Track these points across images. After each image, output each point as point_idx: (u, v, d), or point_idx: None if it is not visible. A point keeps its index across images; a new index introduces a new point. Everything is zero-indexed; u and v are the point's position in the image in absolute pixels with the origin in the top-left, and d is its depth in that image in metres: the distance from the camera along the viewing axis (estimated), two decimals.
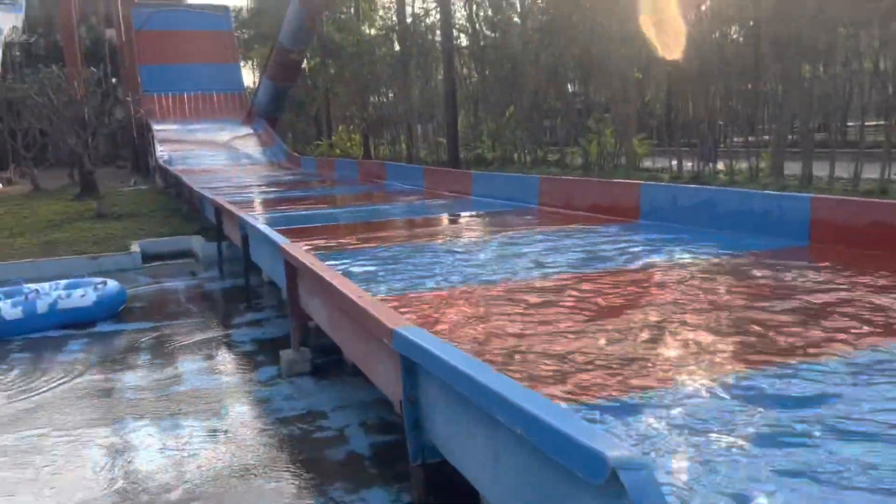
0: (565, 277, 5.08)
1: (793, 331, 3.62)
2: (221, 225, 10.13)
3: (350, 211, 10.96)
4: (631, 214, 8.28)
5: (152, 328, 7.55)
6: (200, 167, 23.89)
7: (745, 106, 14.72)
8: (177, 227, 13.72)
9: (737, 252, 5.78)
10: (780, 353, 3.32)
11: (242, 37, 41.25)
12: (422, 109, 22.96)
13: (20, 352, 6.89)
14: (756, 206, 6.91)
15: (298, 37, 27.78)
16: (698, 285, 4.71)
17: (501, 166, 17.98)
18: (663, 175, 13.56)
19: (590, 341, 3.60)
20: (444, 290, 4.86)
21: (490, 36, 20.88)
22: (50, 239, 12.72)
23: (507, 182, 11.29)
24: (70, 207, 17.44)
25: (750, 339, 3.53)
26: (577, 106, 19.51)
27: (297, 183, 17.47)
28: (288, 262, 5.39)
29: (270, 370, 5.94)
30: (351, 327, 4.09)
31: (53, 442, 4.72)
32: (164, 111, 31.95)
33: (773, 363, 3.20)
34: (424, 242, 7.08)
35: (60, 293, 7.71)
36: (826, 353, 3.29)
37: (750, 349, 3.40)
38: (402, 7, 23.59)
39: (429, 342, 2.81)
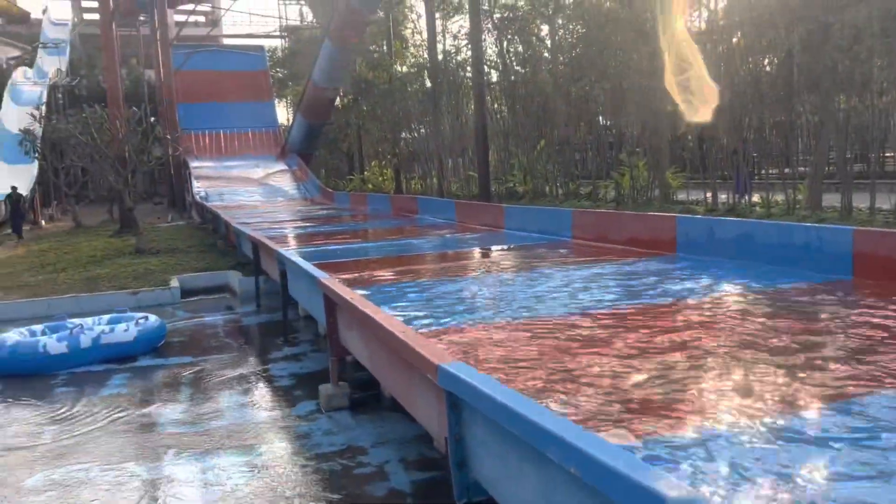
0: (604, 312, 5.05)
1: (837, 367, 3.55)
2: (259, 260, 10.27)
3: (383, 245, 11.05)
4: (667, 248, 8.22)
5: (192, 363, 7.64)
6: (236, 203, 24.34)
7: (780, 137, 14.60)
8: (213, 262, 13.94)
9: (777, 286, 5.70)
10: (824, 390, 3.25)
11: (277, 76, 42.18)
12: (452, 144, 23.16)
13: (64, 386, 7.01)
14: (796, 239, 6.81)
15: (331, 75, 28.35)
16: (739, 320, 4.64)
17: (533, 200, 18.01)
18: (698, 207, 13.45)
19: (632, 378, 3.57)
20: (480, 325, 4.86)
21: (520, 71, 21.08)
22: (91, 274, 13.00)
23: (539, 215, 11.29)
24: (110, 243, 17.83)
25: (793, 375, 3.47)
26: (609, 139, 19.52)
27: (330, 218, 17.68)
28: (327, 296, 5.44)
29: (309, 405, 5.96)
30: (392, 362, 4.11)
31: (98, 476, 4.78)
32: (200, 149, 32.72)
33: (819, 399, 3.14)
34: (458, 276, 7.10)
35: (104, 328, 7.87)
36: (872, 389, 3.22)
37: (794, 386, 3.34)
38: (433, 45, 23.95)
39: (476, 379, 2.81)
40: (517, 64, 21.49)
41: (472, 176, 22.24)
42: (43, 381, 7.18)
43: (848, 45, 10.19)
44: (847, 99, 12.62)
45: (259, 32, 47.00)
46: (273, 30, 47.35)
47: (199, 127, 33.41)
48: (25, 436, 5.66)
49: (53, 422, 5.95)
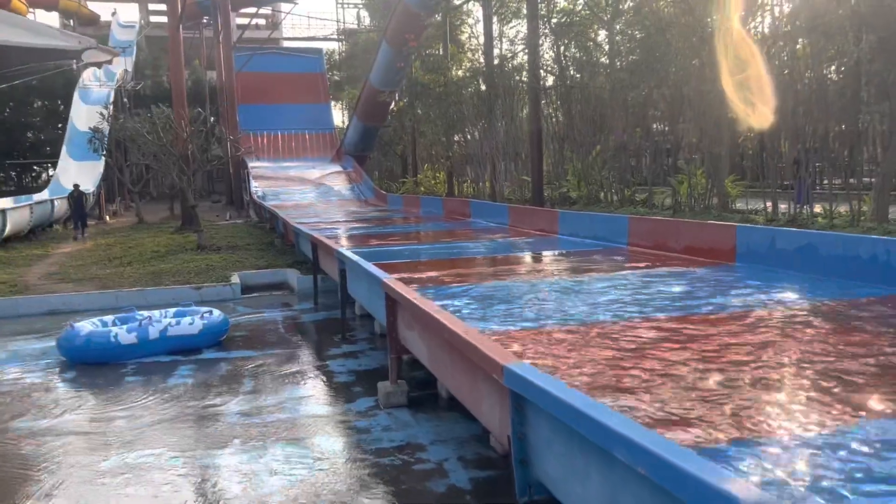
0: (661, 319, 5.04)
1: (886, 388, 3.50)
2: (318, 258, 10.50)
3: (436, 248, 11.15)
4: (726, 257, 8.13)
5: (253, 357, 7.88)
6: (291, 202, 24.85)
7: (844, 147, 14.24)
8: (272, 259, 14.29)
9: (840, 299, 5.60)
10: (887, 405, 3.22)
11: (334, 78, 42.87)
12: (506, 148, 23.20)
13: (134, 375, 7.32)
14: (862, 251, 6.67)
15: (387, 78, 28.72)
16: (800, 332, 4.60)
17: (587, 205, 17.91)
18: (757, 217, 13.20)
19: (690, 385, 3.58)
20: (535, 329, 4.91)
21: (577, 76, 21.01)
22: (155, 269, 13.46)
23: (594, 221, 11.25)
24: (172, 239, 18.41)
25: (853, 390, 3.44)
26: (666, 146, 19.30)
27: (383, 219, 17.91)
28: (389, 295, 5.57)
29: (368, 401, 6.11)
30: (453, 362, 4.20)
31: (168, 462, 4.99)
32: (258, 149, 33.52)
33: (879, 416, 3.11)
34: (512, 281, 7.15)
35: (171, 321, 8.17)
36: None
37: (854, 400, 3.31)
38: (489, 48, 24.06)
39: (542, 380, 2.88)
40: (573, 69, 21.41)
41: (525, 180, 22.23)
42: (114, 369, 7.51)
43: None
44: None
45: (317, 35, 47.84)
46: (331, 33, 48.20)
47: (257, 128, 34.25)
48: (100, 421, 5.93)
49: (125, 409, 6.22)
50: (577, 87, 20.56)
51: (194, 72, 43.43)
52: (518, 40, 24.35)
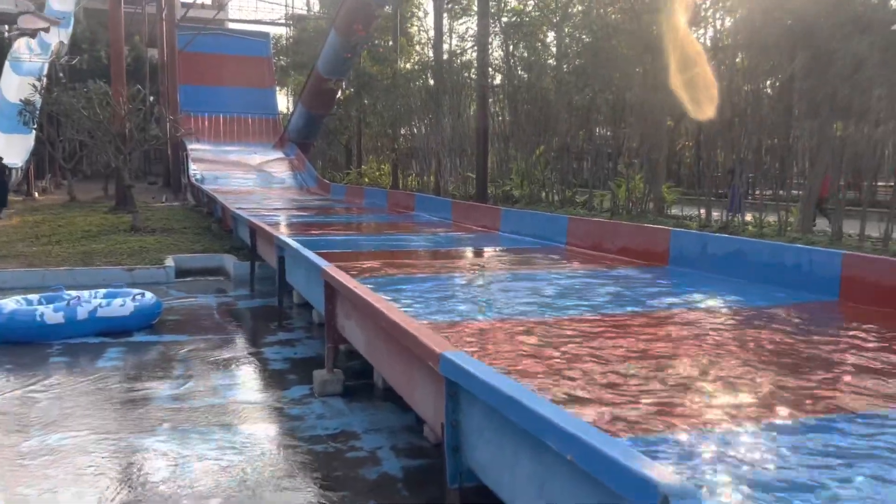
0: (591, 318, 5.18)
1: (813, 385, 3.70)
2: (255, 245, 10.36)
3: (377, 239, 11.15)
4: (659, 259, 8.39)
5: (186, 341, 7.73)
6: (231, 188, 24.37)
7: (776, 159, 14.81)
8: (208, 244, 14.00)
9: (764, 304, 5.85)
10: (798, 408, 3.40)
11: (280, 64, 42.17)
12: (452, 143, 23.28)
13: (60, 356, 7.09)
14: (787, 259, 6.98)
15: (335, 66, 28.41)
16: (723, 334, 4.79)
17: (529, 204, 18.13)
18: (691, 223, 13.62)
19: (613, 381, 3.70)
20: (471, 322, 4.99)
21: (524, 76, 21.22)
22: (87, 249, 13.03)
23: (535, 220, 11.43)
24: (105, 219, 17.84)
25: (770, 391, 3.62)
26: (607, 150, 19.70)
27: (326, 209, 17.77)
28: (328, 283, 5.55)
29: (302, 389, 6.07)
30: (390, 351, 4.23)
31: (92, 444, 4.87)
32: (199, 131, 32.72)
33: (792, 416, 3.29)
34: (450, 274, 7.22)
35: (100, 301, 7.94)
36: (844, 408, 3.37)
37: (770, 401, 3.49)
38: (438, 44, 24.07)
39: (477, 368, 2.94)
40: (521, 69, 21.63)
41: (469, 177, 22.36)
42: (39, 349, 7.26)
43: (849, 74, 10.39)
44: (844, 126, 12.84)
45: (265, 19, 47.00)
46: (279, 17, 47.42)
47: (199, 109, 33.41)
48: (21, 401, 5.74)
49: (49, 390, 6.03)
50: (524, 87, 20.77)
51: (134, 48, 42.09)
52: (468, 37, 24.42)
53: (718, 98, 13.62)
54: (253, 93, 35.37)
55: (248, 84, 35.51)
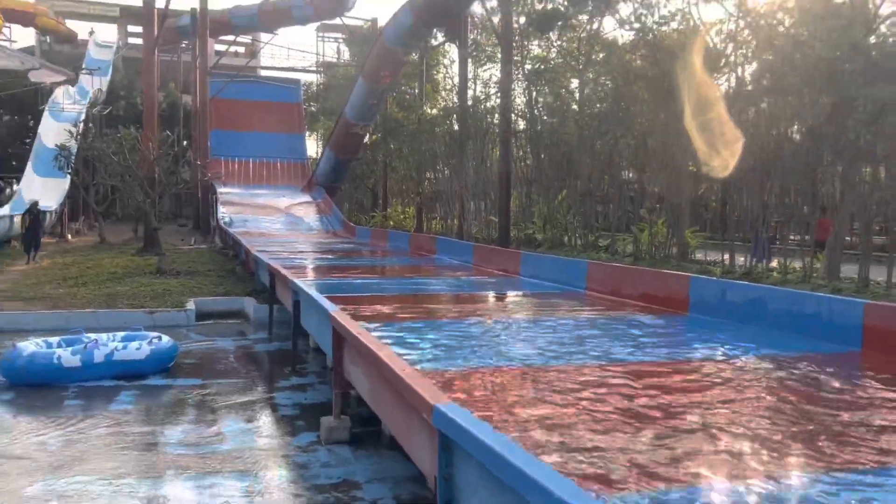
0: (607, 366, 5.09)
1: (836, 438, 3.56)
2: (274, 288, 10.42)
3: (398, 283, 11.16)
4: (679, 306, 8.25)
5: (200, 385, 7.75)
6: (259, 230, 24.68)
7: (802, 204, 14.62)
8: (230, 287, 14.12)
9: (784, 353, 5.71)
10: (821, 461, 3.27)
11: (310, 109, 43.00)
12: (475, 187, 23.43)
13: (74, 399, 7.14)
14: (807, 308, 6.83)
15: (362, 112, 28.93)
16: (741, 385, 4.67)
17: (551, 248, 18.08)
18: (714, 269, 13.43)
19: (627, 434, 3.61)
20: (484, 369, 4.92)
21: (547, 121, 21.39)
22: (111, 291, 13.22)
23: (555, 265, 11.36)
24: (132, 261, 18.12)
25: (790, 445, 3.49)
26: (630, 194, 19.65)
27: (350, 252, 17.88)
28: (335, 329, 5.54)
29: (310, 436, 6.03)
30: (392, 399, 4.18)
31: (98, 490, 4.86)
32: (229, 175, 33.35)
33: (813, 470, 3.16)
34: (467, 319, 7.16)
35: (117, 345, 8.02)
36: (869, 462, 3.24)
37: (789, 455, 3.37)
38: (463, 90, 24.40)
39: (468, 421, 2.89)
40: (544, 114, 21.80)
41: (492, 220, 22.41)
42: (55, 392, 7.32)
43: (871, 120, 10.27)
44: (872, 172, 12.66)
45: (296, 66, 48.09)
46: (310, 64, 48.48)
47: (229, 154, 34.13)
48: (31, 445, 5.76)
49: (59, 433, 6.06)
50: (547, 132, 20.90)
51: (170, 95, 43.29)
52: (492, 83, 24.73)
53: (743, 143, 13.57)
54: (283, 138, 36.09)
55: (278, 129, 36.26)
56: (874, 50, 10.72)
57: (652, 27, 16.04)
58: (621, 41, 19.28)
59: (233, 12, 38.55)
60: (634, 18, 16.22)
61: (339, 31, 44.60)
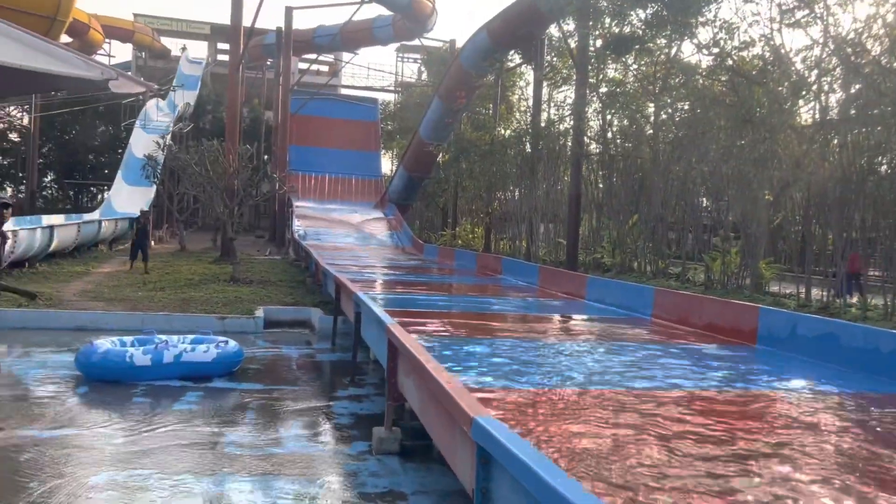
0: (667, 394, 4.98)
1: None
2: (339, 299, 10.63)
3: (460, 301, 11.20)
4: (747, 338, 7.99)
5: (262, 390, 7.96)
6: (331, 244, 25.24)
7: (888, 239, 13.96)
8: (300, 297, 14.48)
9: (855, 392, 5.45)
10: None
11: (387, 128, 43.83)
12: (545, 209, 23.33)
13: (143, 396, 7.46)
14: (883, 346, 6.51)
15: (437, 132, 29.33)
16: (807, 423, 4.49)
17: (620, 273, 17.81)
18: (789, 301, 12.95)
19: (678, 465, 3.52)
20: (537, 389, 4.89)
21: (621, 145, 21.18)
22: (186, 296, 13.76)
23: (621, 290, 11.18)
24: (208, 269, 18.82)
25: (860, 490, 3.34)
26: (704, 221, 19.18)
27: (417, 268, 18.05)
28: (390, 340, 5.62)
29: (361, 445, 6.11)
30: (437, 411, 4.21)
31: (157, 483, 5.06)
32: (305, 189, 34.29)
33: None
34: (525, 340, 7.13)
35: (186, 346, 8.33)
36: None
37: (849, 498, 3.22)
38: (537, 112, 24.43)
39: (505, 435, 2.89)
40: (619, 137, 21.59)
41: (560, 243, 22.25)
42: (125, 388, 7.66)
43: None
44: None
45: (375, 86, 49.18)
46: (388, 84, 49.49)
47: (307, 169, 35.10)
48: (99, 437, 6.05)
49: (126, 429, 6.33)
50: (620, 156, 20.67)
51: (253, 110, 44.94)
52: (566, 105, 24.68)
53: (826, 173, 13.11)
54: (358, 155, 36.88)
55: (355, 147, 37.10)
56: None
57: (731, 52, 15.72)
58: (700, 66, 18.97)
59: (316, 32, 39.77)
60: (713, 43, 15.92)
61: (418, 52, 45.40)
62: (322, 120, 37.27)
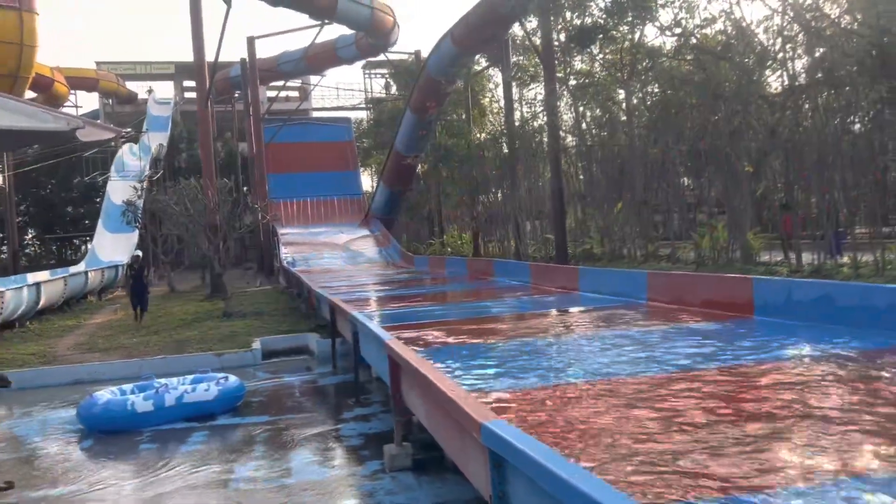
0: (674, 375, 4.96)
1: None
2: (335, 321, 10.57)
3: (457, 308, 11.16)
4: (744, 310, 8.00)
5: (267, 422, 7.89)
6: (320, 267, 25.16)
7: (873, 196, 14.05)
8: (294, 324, 14.39)
9: (858, 349, 5.46)
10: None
11: (362, 145, 43.81)
12: (529, 207, 23.36)
13: (149, 442, 7.37)
14: (878, 301, 6.53)
15: (412, 144, 29.35)
16: (815, 385, 4.49)
17: (611, 261, 17.83)
18: (782, 269, 12.99)
19: (697, 442, 3.50)
20: (548, 386, 4.86)
21: (596, 134, 21.25)
22: (181, 337, 13.65)
23: (614, 277, 11.19)
24: (200, 307, 18.68)
25: (870, 444, 3.33)
26: (688, 200, 19.25)
27: (409, 281, 18.01)
28: (390, 356, 5.58)
29: (374, 464, 6.06)
30: (446, 422, 4.17)
31: None
32: (288, 216, 34.22)
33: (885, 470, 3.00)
34: (528, 338, 7.10)
35: (187, 387, 8.26)
36: None
37: (871, 454, 3.20)
38: (509, 112, 24.48)
39: (516, 437, 2.86)
40: (593, 127, 21.67)
41: (549, 238, 22.26)
42: (130, 437, 7.57)
43: None
44: None
45: (346, 105, 49.17)
46: (359, 102, 49.48)
47: (287, 195, 35.04)
48: (108, 492, 5.96)
49: (136, 476, 6.25)
50: (597, 146, 20.74)
51: (227, 144, 44.78)
52: (537, 102, 24.76)
53: (802, 139, 13.20)
54: (337, 176, 36.87)
55: (333, 168, 37.08)
56: None
57: (694, 30, 15.83)
58: (665, 48, 19.09)
59: (280, 58, 39.75)
60: (675, 23, 16.03)
61: (385, 67, 45.41)
62: (297, 145, 37.26)
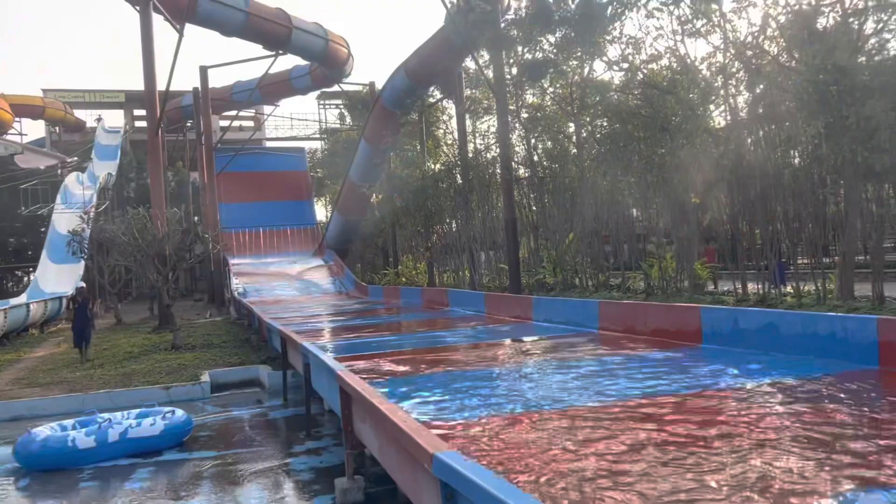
0: (626, 404, 5.01)
1: (861, 459, 3.48)
2: (286, 353, 10.42)
3: (411, 338, 11.12)
4: (692, 338, 8.18)
5: (215, 457, 7.69)
6: (273, 298, 24.81)
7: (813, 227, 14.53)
8: (245, 356, 14.12)
9: (801, 376, 5.62)
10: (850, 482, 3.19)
11: (316, 175, 43.63)
12: (483, 237, 23.52)
13: (90, 480, 7.10)
14: (821, 329, 6.75)
15: (367, 173, 29.36)
16: (760, 412, 4.58)
17: (563, 291, 18.01)
18: (728, 298, 13.30)
19: (650, 475, 3.53)
20: (500, 416, 4.86)
21: (548, 166, 21.58)
22: (127, 370, 13.25)
23: (567, 307, 11.31)
24: (148, 340, 18.20)
25: (816, 468, 3.41)
26: (638, 231, 19.62)
27: (364, 311, 17.88)
28: (342, 387, 5.52)
29: (325, 499, 5.95)
30: (398, 454, 4.13)
31: None
32: (241, 246, 33.73)
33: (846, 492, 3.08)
34: (483, 368, 7.11)
35: (131, 422, 8.00)
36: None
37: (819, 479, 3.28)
38: (463, 143, 24.73)
39: (467, 468, 2.85)
40: (545, 159, 22.00)
41: (503, 268, 22.40)
42: (70, 475, 7.28)
43: (866, 137, 10.30)
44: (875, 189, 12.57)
45: (299, 135, 49.00)
46: (313, 132, 49.38)
47: (239, 225, 34.58)
48: None
49: None
50: (549, 177, 21.06)
51: (178, 173, 44.11)
52: (490, 134, 25.06)
53: (744, 172, 13.60)
54: (291, 205, 36.58)
55: (286, 197, 36.79)
56: (865, 70, 10.81)
57: (640, 66, 16.29)
58: (613, 82, 19.58)
59: (234, 88, 39.52)
60: (622, 59, 16.48)
61: (339, 98, 45.52)
62: (250, 175, 36.93)
